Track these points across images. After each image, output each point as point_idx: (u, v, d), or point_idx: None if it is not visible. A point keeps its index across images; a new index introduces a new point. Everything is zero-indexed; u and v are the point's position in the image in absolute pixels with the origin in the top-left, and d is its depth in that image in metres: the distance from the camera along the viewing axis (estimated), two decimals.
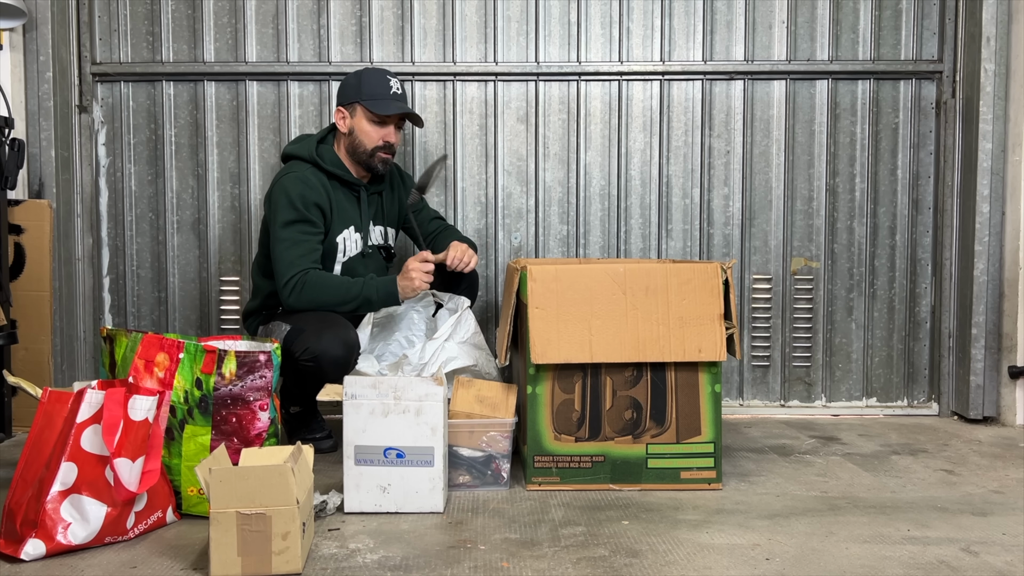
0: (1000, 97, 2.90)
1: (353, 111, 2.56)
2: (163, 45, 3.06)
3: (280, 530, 1.57)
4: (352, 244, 2.59)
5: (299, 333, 2.35)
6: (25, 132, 2.86)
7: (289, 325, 2.41)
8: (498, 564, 1.66)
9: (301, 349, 2.32)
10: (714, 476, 2.16)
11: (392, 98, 2.56)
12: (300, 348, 2.32)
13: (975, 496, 2.12)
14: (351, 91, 2.56)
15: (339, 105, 2.59)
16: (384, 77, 2.58)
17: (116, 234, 3.10)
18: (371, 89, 2.54)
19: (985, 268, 2.91)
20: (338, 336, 2.32)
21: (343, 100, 2.58)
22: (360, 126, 2.55)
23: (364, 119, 2.55)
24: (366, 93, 2.54)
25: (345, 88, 2.59)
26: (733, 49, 3.09)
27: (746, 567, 1.65)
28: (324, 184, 2.52)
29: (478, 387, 2.21)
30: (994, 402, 2.95)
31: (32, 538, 1.66)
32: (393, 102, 2.56)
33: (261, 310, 2.61)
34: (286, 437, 2.54)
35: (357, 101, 2.54)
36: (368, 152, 2.57)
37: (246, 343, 2.10)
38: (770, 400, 3.15)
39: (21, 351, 2.70)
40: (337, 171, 2.55)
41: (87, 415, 1.70)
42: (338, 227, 2.56)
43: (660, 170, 3.11)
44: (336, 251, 2.55)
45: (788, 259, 3.12)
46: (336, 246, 2.55)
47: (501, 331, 2.36)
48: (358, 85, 2.56)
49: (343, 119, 2.58)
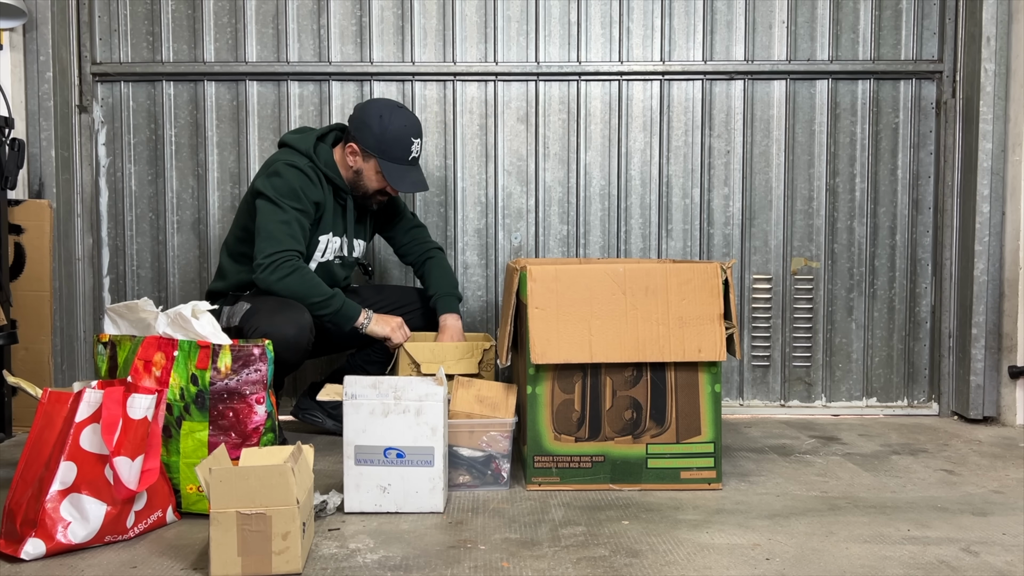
0: (1000, 97, 2.90)
1: (367, 158, 2.53)
2: (163, 45, 3.06)
3: (280, 530, 1.57)
4: (331, 248, 2.60)
5: (255, 313, 2.38)
6: (25, 132, 2.86)
7: (250, 304, 2.43)
8: (498, 564, 1.66)
9: (252, 328, 2.33)
10: (714, 476, 2.16)
11: (409, 165, 2.55)
12: (252, 327, 2.34)
13: (975, 496, 2.12)
14: (372, 140, 2.50)
15: (355, 143, 2.52)
16: (407, 139, 2.52)
17: (116, 234, 3.10)
18: (392, 149, 2.50)
19: (985, 268, 2.91)
20: (291, 318, 2.32)
21: (362, 142, 2.51)
22: (369, 173, 2.55)
23: (375, 171, 2.54)
24: (387, 152, 2.50)
25: (366, 130, 2.51)
26: (733, 49, 3.09)
27: (746, 567, 1.65)
28: (322, 182, 2.52)
29: (478, 387, 2.21)
30: (994, 402, 2.95)
31: (32, 537, 1.66)
32: (409, 172, 2.54)
33: (228, 291, 2.60)
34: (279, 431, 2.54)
35: (375, 155, 2.51)
36: (368, 193, 2.59)
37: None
38: (770, 400, 3.15)
39: (21, 351, 2.70)
40: (330, 173, 2.55)
41: (86, 414, 1.70)
42: (322, 228, 2.56)
43: (660, 170, 3.11)
44: (315, 249, 2.56)
45: (788, 259, 3.12)
46: (316, 244, 2.56)
47: (501, 331, 2.36)
48: (381, 136, 2.49)
49: (354, 156, 2.54)
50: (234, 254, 2.60)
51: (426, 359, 2.49)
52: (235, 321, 2.46)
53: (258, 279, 2.40)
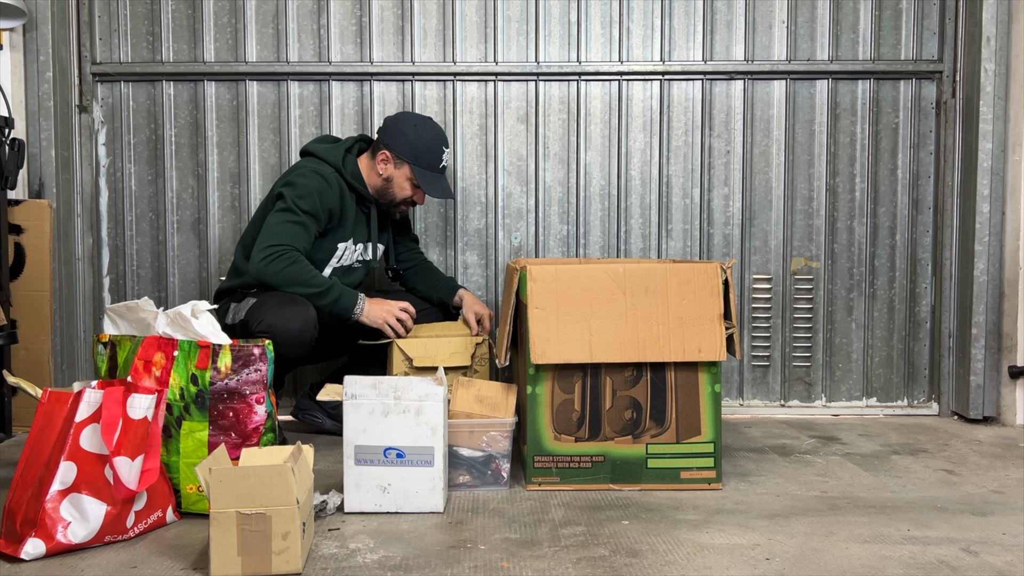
0: (1000, 97, 2.90)
1: (400, 164, 2.59)
2: (163, 45, 3.06)
3: (280, 530, 1.57)
4: (349, 255, 2.64)
5: (260, 306, 2.39)
6: (25, 132, 2.86)
7: (255, 299, 2.45)
8: (498, 564, 1.66)
9: (257, 321, 2.35)
10: (714, 476, 2.16)
11: (440, 173, 2.63)
12: (256, 320, 2.35)
13: (975, 496, 2.12)
14: (406, 146, 2.57)
15: (388, 151, 2.59)
16: (439, 148, 2.61)
17: (116, 234, 3.10)
18: (425, 156, 2.59)
19: (985, 268, 2.91)
20: (296, 312, 2.35)
21: (397, 150, 2.58)
22: (400, 181, 2.61)
23: (406, 178, 2.60)
24: (420, 159, 2.58)
25: (399, 137, 2.58)
26: (733, 49, 3.09)
27: (746, 567, 1.65)
28: (343, 191, 2.57)
29: (478, 387, 2.21)
30: (994, 402, 2.95)
31: (32, 537, 1.66)
32: (439, 180, 2.62)
33: (236, 290, 2.61)
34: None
35: (409, 161, 2.57)
36: (395, 202, 2.65)
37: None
38: (770, 400, 3.15)
39: (21, 351, 2.70)
40: (356, 184, 2.60)
41: (86, 414, 1.70)
42: (342, 235, 2.60)
43: (660, 170, 3.11)
44: (331, 256, 2.60)
45: (788, 259, 3.12)
46: (335, 251, 2.60)
47: (501, 331, 2.36)
48: (416, 143, 2.58)
49: (386, 164, 2.60)
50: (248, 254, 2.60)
51: (419, 354, 2.50)
52: (240, 316, 2.46)
53: (253, 269, 2.42)
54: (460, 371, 2.52)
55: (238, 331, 2.41)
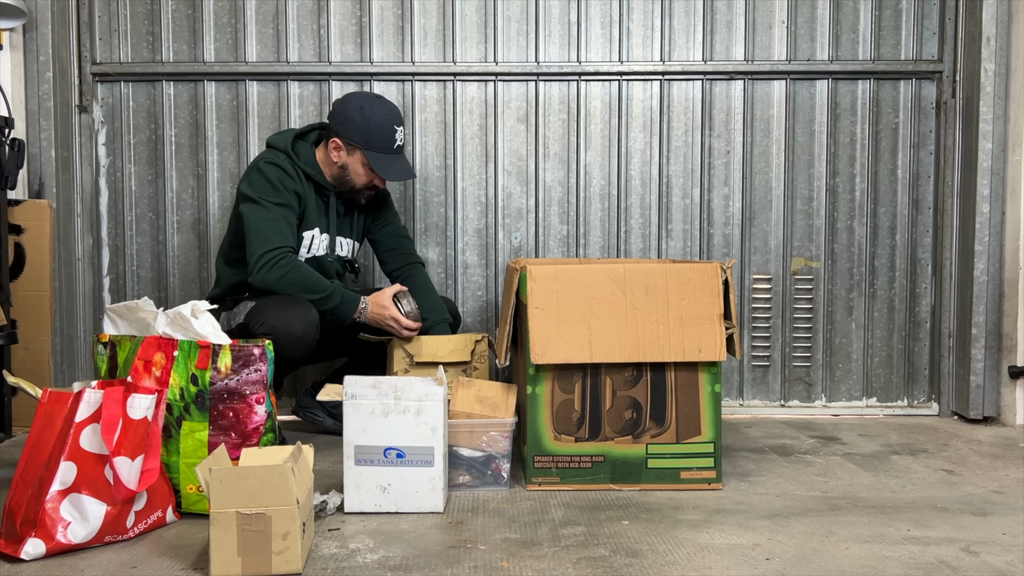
0: (1000, 97, 2.90)
1: (352, 151, 2.53)
2: (163, 45, 3.06)
3: (280, 530, 1.57)
4: (318, 244, 2.59)
5: (262, 308, 2.38)
6: (25, 132, 2.86)
7: (255, 302, 2.44)
8: (498, 564, 1.66)
9: (259, 323, 2.34)
10: (714, 476, 2.16)
11: (395, 153, 2.55)
12: (258, 322, 2.34)
13: (975, 496, 2.12)
14: (355, 131, 2.50)
15: (339, 138, 2.53)
16: (391, 128, 2.53)
17: (116, 234, 3.10)
18: (376, 140, 2.51)
19: (985, 268, 2.91)
20: (299, 314, 2.34)
21: (345, 135, 2.51)
22: (355, 167, 2.55)
23: (361, 163, 2.54)
24: (372, 143, 2.50)
25: (348, 123, 2.51)
26: (733, 49, 3.09)
27: (746, 567, 1.65)
28: (301, 178, 2.53)
29: (478, 387, 2.21)
30: (994, 402, 2.95)
31: (32, 537, 1.66)
32: (395, 161, 2.55)
33: (224, 297, 2.60)
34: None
35: (360, 147, 2.51)
36: (356, 189, 2.58)
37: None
38: (770, 400, 3.15)
39: (21, 351, 2.70)
40: (310, 171, 2.54)
41: (86, 414, 1.70)
42: (306, 223, 2.56)
43: (660, 170, 3.11)
44: (300, 246, 2.56)
45: (788, 259, 3.12)
46: (301, 240, 2.56)
47: (501, 331, 2.36)
48: (365, 128, 2.50)
49: (338, 151, 2.54)
50: (229, 260, 2.60)
51: (419, 351, 2.51)
52: (238, 319, 2.46)
53: (255, 280, 2.40)
54: (460, 367, 2.52)
55: (236, 334, 2.40)
